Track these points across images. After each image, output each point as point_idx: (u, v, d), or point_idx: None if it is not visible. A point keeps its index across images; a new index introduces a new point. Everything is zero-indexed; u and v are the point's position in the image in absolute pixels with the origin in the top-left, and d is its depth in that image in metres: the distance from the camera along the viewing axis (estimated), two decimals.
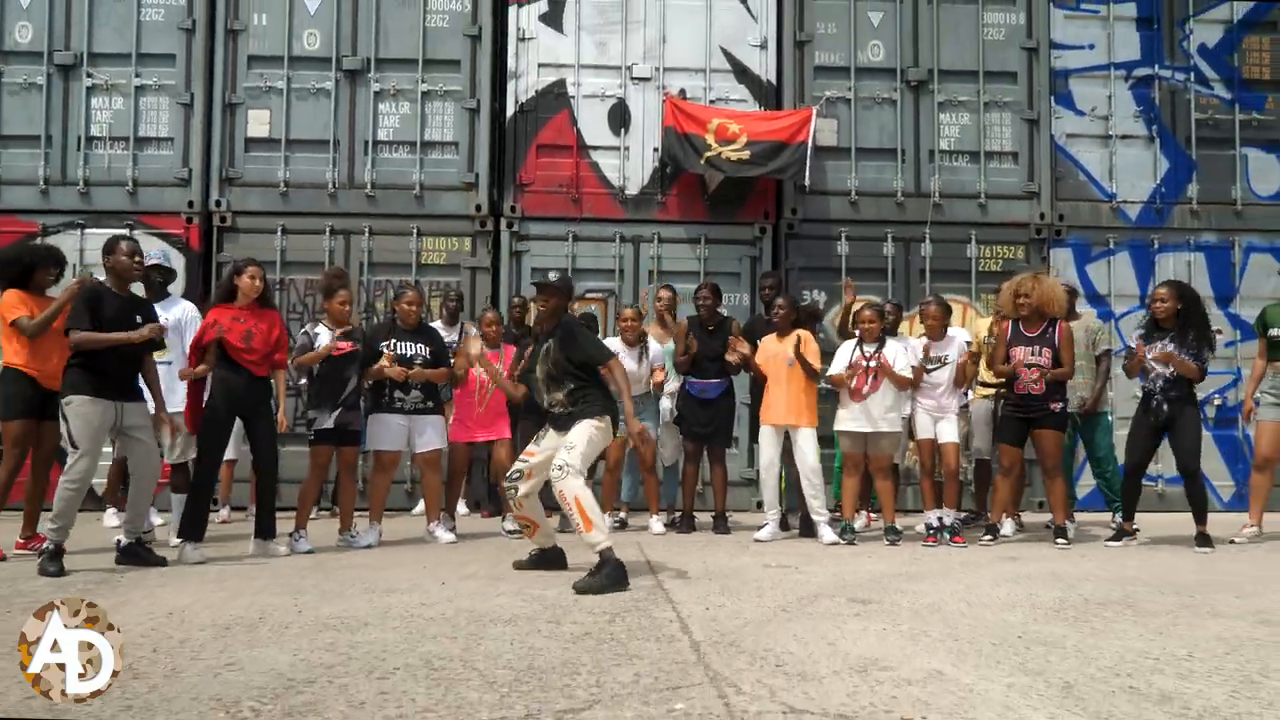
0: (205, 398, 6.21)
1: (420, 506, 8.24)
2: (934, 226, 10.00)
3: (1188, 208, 10.31)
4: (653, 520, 7.74)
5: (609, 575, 4.92)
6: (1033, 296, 6.99)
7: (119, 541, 5.79)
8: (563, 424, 5.44)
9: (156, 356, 6.16)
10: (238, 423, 6.45)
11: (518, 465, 5.63)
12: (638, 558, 6.07)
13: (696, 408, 7.73)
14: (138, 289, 6.41)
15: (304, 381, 6.86)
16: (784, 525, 7.50)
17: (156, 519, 7.27)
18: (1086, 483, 8.74)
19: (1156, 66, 10.40)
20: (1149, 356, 6.81)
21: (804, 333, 7.26)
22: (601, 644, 3.57)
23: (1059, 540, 6.92)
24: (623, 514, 8.03)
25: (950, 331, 7.45)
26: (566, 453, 5.25)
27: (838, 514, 7.32)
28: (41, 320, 5.99)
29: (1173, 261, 10.24)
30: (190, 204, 9.64)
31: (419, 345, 7.05)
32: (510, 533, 7.33)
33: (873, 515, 8.05)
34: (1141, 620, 4.08)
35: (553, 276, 5.71)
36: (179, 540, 6.01)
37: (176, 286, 8.27)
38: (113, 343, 5.55)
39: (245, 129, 9.83)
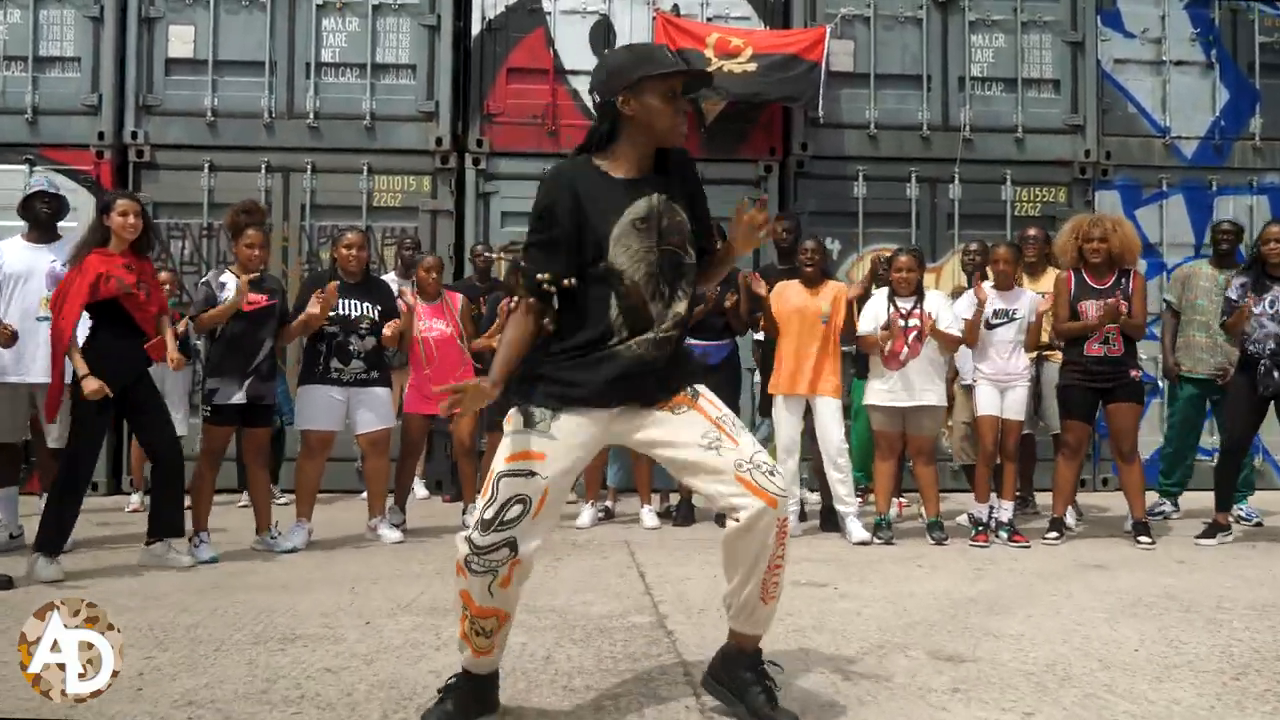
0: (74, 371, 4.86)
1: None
2: (964, 165, 8.87)
3: (1250, 144, 9.25)
4: (644, 510, 6.50)
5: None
6: (1111, 241, 5.74)
7: None
8: (666, 380, 2.72)
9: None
10: None
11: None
12: (629, 568, 4.82)
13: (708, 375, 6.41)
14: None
15: (198, 342, 5.52)
16: (802, 515, 6.29)
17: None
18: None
19: None
20: (1256, 311, 5.57)
21: (840, 285, 6.02)
22: None
23: (1140, 539, 5.70)
24: (609, 503, 6.79)
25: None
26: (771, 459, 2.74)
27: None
28: None
29: (1233, 205, 9.12)
30: (100, 135, 8.38)
31: (365, 304, 5.73)
32: None
33: (903, 501, 6.87)
34: None
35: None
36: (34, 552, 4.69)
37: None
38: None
39: (166, 48, 8.53)
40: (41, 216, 5.62)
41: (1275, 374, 5.57)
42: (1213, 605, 4.09)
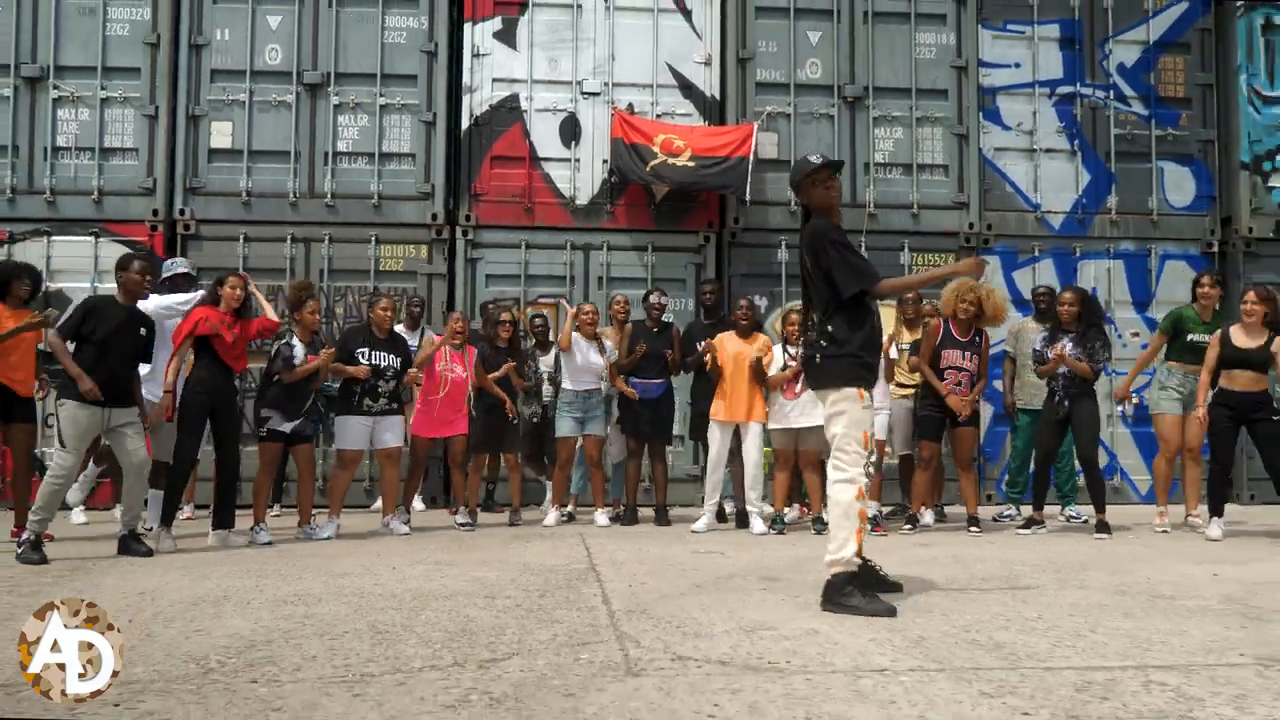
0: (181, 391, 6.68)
1: (378, 503, 8.69)
2: (869, 235, 10.52)
3: (1107, 217, 10.95)
4: (598, 513, 8.21)
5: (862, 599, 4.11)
6: (985, 305, 7.54)
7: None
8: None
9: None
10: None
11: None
12: (579, 546, 6.54)
13: (640, 406, 8.19)
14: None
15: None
16: (720, 517, 8.02)
17: (79, 517, 7.78)
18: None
19: (1078, 84, 11.04)
20: (1050, 355, 7.39)
21: (765, 339, 7.82)
22: (529, 613, 4.05)
23: (971, 529, 7.48)
24: (570, 507, 8.49)
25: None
26: (837, 447, 4.43)
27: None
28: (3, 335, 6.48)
29: (1093, 268, 10.88)
30: (155, 212, 10.02)
31: (390, 356, 7.54)
32: (462, 525, 7.80)
33: (805, 507, 8.57)
34: (1012, 592, 4.61)
35: (815, 159, 4.57)
36: (152, 527, 6.43)
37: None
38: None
39: (209, 140, 10.21)
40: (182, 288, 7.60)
41: (1066, 402, 7.39)
42: (976, 560, 5.83)
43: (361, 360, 7.42)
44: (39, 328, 6.50)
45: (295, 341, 7.16)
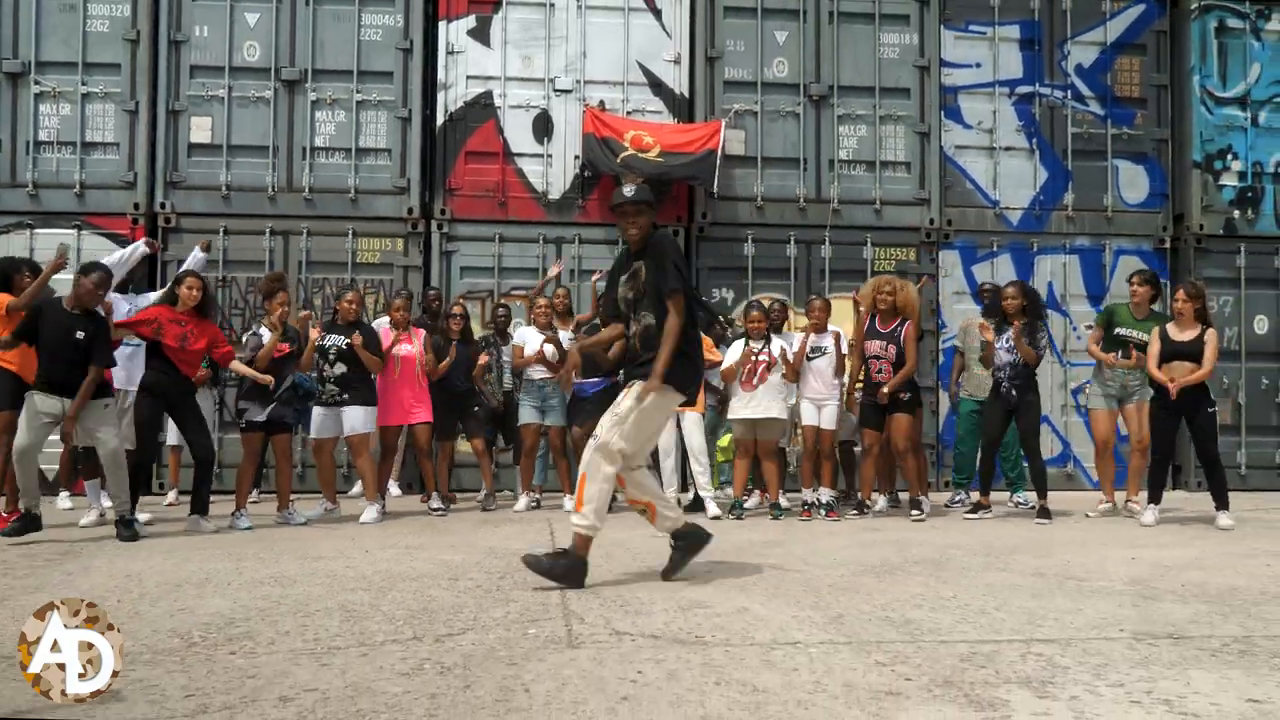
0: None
1: (357, 487, 9.08)
2: (833, 230, 10.94)
3: (1064, 214, 11.35)
4: (566, 499, 8.55)
5: (565, 567, 4.57)
6: (898, 296, 7.92)
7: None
8: (631, 372, 4.79)
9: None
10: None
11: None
12: (545, 531, 6.88)
13: (583, 402, 8.38)
14: None
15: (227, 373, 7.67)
16: (696, 505, 8.37)
17: (106, 501, 7.98)
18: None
19: (1037, 84, 11.40)
20: (998, 347, 7.77)
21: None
22: (488, 593, 4.39)
23: (913, 513, 7.87)
24: (537, 495, 8.83)
25: (831, 326, 8.32)
26: (610, 421, 4.61)
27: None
28: (35, 286, 6.88)
29: (1050, 263, 11.28)
30: (136, 205, 10.27)
31: (339, 337, 7.81)
32: (434, 510, 8.13)
33: (765, 494, 8.93)
34: (939, 574, 4.97)
35: (628, 192, 4.69)
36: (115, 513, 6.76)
37: None
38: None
39: (188, 135, 10.47)
40: None
41: (1012, 391, 7.78)
42: (916, 544, 6.20)
43: (325, 344, 7.74)
44: (61, 266, 6.92)
45: (264, 330, 7.46)
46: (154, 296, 7.59)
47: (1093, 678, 2.92)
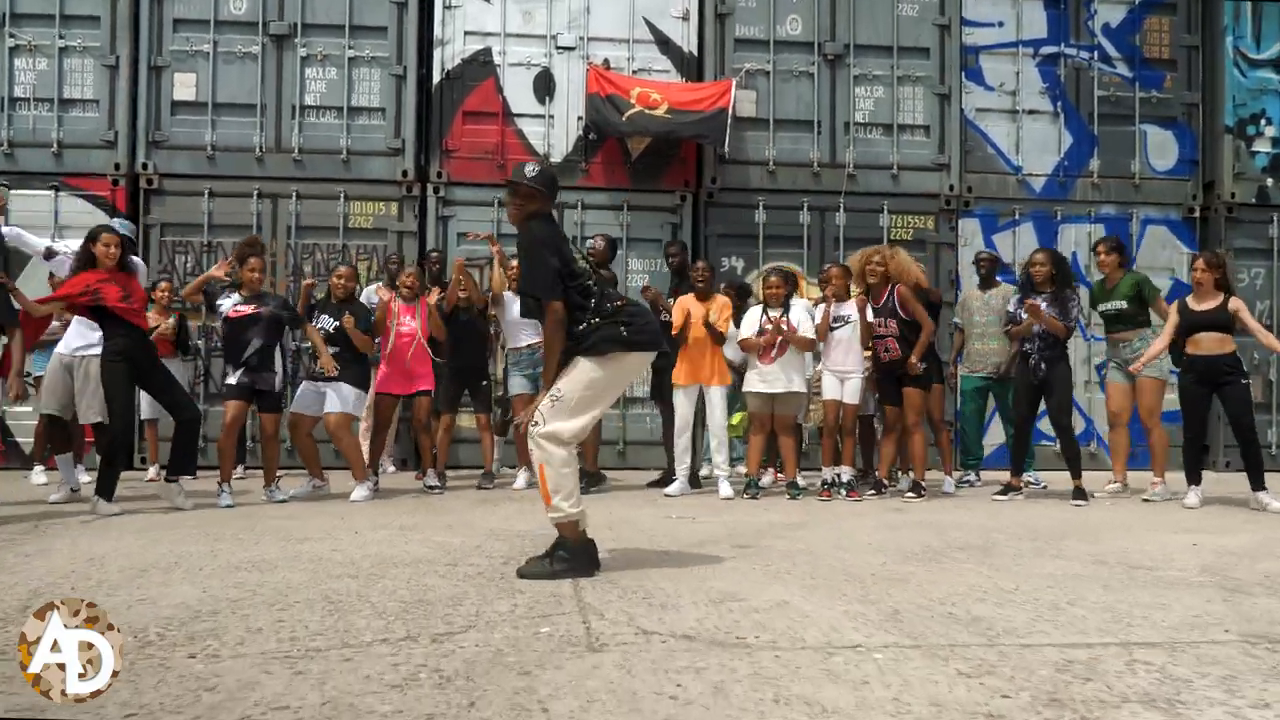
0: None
1: None
2: (848, 196, 10.44)
3: (1089, 181, 10.84)
4: (520, 474, 8.07)
5: (567, 561, 4.10)
6: (889, 266, 7.43)
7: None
8: (569, 348, 4.23)
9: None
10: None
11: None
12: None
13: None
14: None
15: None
16: (694, 481, 7.88)
17: (83, 476, 7.49)
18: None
19: (1063, 45, 10.88)
20: (1022, 316, 7.27)
21: (721, 298, 7.65)
22: (491, 582, 3.90)
23: (908, 494, 7.43)
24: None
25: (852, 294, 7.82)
26: (546, 402, 4.13)
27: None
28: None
29: (1074, 232, 10.79)
30: (116, 166, 9.77)
31: (330, 319, 7.34)
32: (430, 487, 7.65)
33: (780, 473, 8.46)
34: (989, 561, 4.50)
35: (529, 171, 4.44)
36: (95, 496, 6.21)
37: None
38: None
39: (171, 92, 9.93)
40: None
41: (1042, 365, 7.28)
42: (952, 526, 5.73)
43: (315, 325, 7.29)
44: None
45: (233, 295, 6.98)
46: (68, 264, 6.84)
47: (1225, 694, 2.43)
